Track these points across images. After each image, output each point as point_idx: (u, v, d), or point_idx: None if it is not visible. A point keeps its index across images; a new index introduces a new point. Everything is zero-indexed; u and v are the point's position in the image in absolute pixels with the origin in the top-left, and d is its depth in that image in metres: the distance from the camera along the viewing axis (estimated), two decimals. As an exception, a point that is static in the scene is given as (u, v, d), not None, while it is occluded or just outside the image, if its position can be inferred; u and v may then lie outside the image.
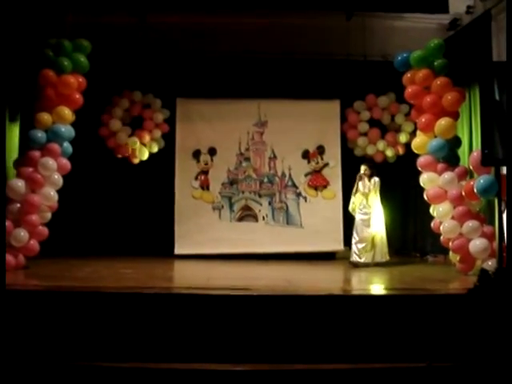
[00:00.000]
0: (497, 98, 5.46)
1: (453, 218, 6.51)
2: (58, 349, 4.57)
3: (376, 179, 7.81)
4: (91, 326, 4.69)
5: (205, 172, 9.13)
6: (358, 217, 7.83)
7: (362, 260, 7.58)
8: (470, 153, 7.41)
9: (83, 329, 4.67)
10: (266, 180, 9.15)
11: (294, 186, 9.08)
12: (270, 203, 9.11)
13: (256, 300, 4.88)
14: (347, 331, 4.75)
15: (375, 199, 7.82)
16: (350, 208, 8.00)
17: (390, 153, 9.10)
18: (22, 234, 6.47)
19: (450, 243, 6.61)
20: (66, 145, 6.94)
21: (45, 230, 6.85)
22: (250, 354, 4.61)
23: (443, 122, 6.66)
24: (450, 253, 6.94)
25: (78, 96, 6.95)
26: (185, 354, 4.61)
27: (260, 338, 4.69)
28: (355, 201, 7.87)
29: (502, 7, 7.08)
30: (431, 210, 6.97)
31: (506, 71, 5.23)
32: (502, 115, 5.38)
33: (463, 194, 6.41)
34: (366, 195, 7.80)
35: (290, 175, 9.15)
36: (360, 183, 7.85)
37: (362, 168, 7.93)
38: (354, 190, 7.89)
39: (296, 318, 4.78)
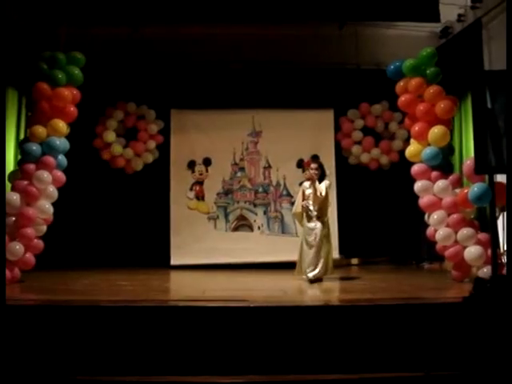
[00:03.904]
0: (489, 106, 5.49)
1: (447, 225, 6.53)
2: (55, 364, 4.55)
3: (327, 182, 6.98)
4: (88, 340, 4.67)
5: (200, 182, 9.15)
6: (305, 226, 7.00)
7: (310, 274, 6.77)
8: (460, 160, 7.49)
9: (80, 343, 4.65)
10: (260, 189, 9.18)
11: (289, 195, 9.10)
12: (265, 212, 9.13)
13: (252, 311, 4.88)
14: (344, 341, 4.74)
15: (325, 205, 6.96)
16: (295, 211, 7.25)
17: (384, 160, 9.15)
18: (18, 247, 6.44)
19: (445, 251, 6.63)
20: (61, 157, 6.93)
21: (40, 243, 6.82)
22: (246, 365, 4.60)
23: (436, 130, 6.68)
24: (446, 260, 6.96)
25: (72, 109, 6.94)
26: (182, 367, 4.60)
27: (257, 349, 4.68)
28: (300, 205, 7.00)
29: (493, 16, 7.18)
30: (426, 218, 6.99)
31: (505, 75, 5.24)
32: (495, 123, 5.41)
33: (457, 201, 6.44)
34: (316, 200, 6.85)
35: (284, 184, 9.18)
36: (307, 184, 7.02)
37: (313, 166, 6.98)
38: (300, 192, 7.08)
39: (292, 329, 4.78)
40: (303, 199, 7.01)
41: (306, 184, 7.05)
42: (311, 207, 6.91)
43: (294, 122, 9.12)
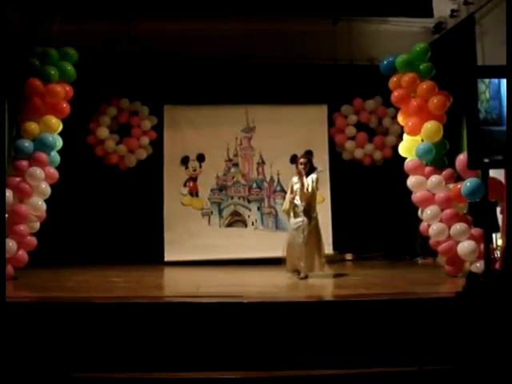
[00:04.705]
0: (482, 101, 5.49)
1: (441, 220, 6.55)
2: (51, 362, 4.54)
3: (314, 176, 6.76)
4: (83, 338, 4.66)
5: (193, 178, 9.15)
6: (291, 221, 6.84)
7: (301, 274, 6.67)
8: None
9: (75, 340, 4.64)
10: (254, 185, 9.19)
11: (283, 190, 9.07)
12: (258, 208, 9.15)
13: (247, 307, 4.88)
14: (338, 337, 4.75)
15: (313, 200, 6.79)
16: (284, 208, 7.01)
17: (377, 156, 9.16)
18: (11, 244, 6.42)
19: (439, 246, 6.65)
20: (54, 154, 6.90)
21: (33, 240, 6.80)
22: (241, 361, 4.60)
23: (429, 125, 6.69)
24: (439, 255, 6.98)
25: (65, 105, 6.92)
26: (177, 363, 4.60)
27: (251, 345, 4.68)
28: (289, 201, 6.82)
29: (486, 11, 7.19)
30: (419, 213, 7.00)
31: (506, 72, 5.24)
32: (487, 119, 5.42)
33: (450, 196, 6.45)
34: (303, 195, 6.68)
35: (278, 180, 9.19)
36: (295, 179, 6.85)
37: (301, 161, 6.83)
38: (289, 188, 6.92)
39: (287, 325, 4.78)
40: (291, 194, 6.85)
41: (295, 179, 6.88)
42: (298, 202, 6.75)
43: (287, 118, 9.14)
